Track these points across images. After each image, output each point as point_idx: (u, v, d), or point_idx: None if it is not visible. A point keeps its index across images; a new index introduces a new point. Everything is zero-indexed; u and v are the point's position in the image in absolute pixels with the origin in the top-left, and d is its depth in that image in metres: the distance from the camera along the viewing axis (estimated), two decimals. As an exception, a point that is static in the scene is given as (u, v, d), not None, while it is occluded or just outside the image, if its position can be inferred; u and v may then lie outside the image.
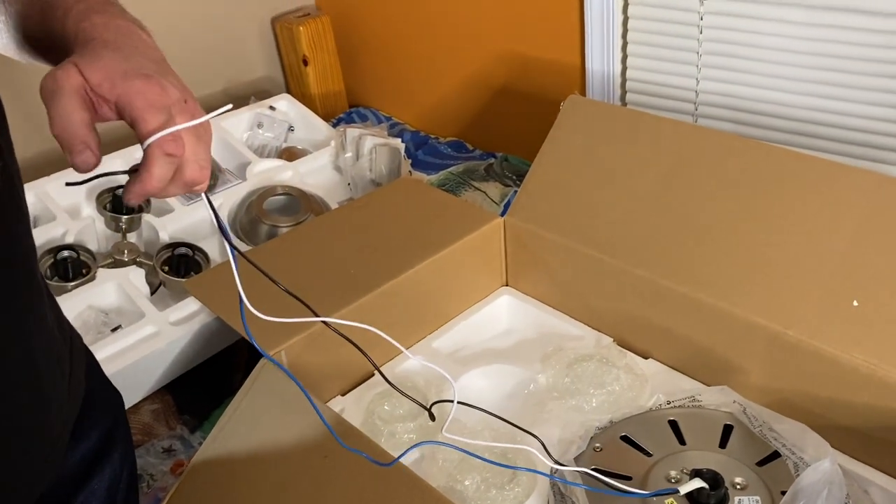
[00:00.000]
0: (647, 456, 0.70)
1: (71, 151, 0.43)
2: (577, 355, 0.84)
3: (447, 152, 1.47)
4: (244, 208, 1.13)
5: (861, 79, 0.98)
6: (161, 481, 0.86)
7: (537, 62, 1.33)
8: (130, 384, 0.90)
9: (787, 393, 0.74)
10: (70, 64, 0.44)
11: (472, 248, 0.95)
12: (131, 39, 0.47)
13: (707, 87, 1.12)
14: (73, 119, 0.43)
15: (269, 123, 1.32)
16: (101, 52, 0.45)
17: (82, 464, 0.54)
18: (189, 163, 0.46)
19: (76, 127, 0.43)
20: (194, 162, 0.46)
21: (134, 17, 0.51)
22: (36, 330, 0.47)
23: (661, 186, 0.87)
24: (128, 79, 0.44)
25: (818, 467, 0.57)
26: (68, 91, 0.43)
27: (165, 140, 0.44)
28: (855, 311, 0.70)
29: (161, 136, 0.44)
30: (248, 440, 0.69)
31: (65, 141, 0.43)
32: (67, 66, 0.44)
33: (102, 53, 0.45)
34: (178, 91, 0.45)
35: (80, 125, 0.43)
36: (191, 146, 0.45)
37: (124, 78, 0.44)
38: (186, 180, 0.46)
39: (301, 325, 0.79)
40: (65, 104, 0.43)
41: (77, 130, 0.43)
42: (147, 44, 0.48)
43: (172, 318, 0.93)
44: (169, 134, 0.44)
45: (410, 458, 0.75)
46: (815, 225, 0.76)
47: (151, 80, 0.44)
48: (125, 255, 1.04)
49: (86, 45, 0.46)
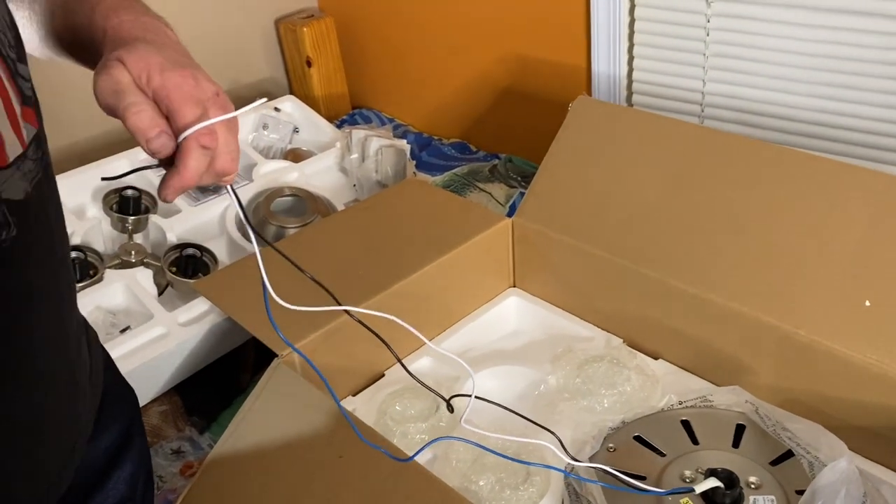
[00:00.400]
0: (661, 456, 0.70)
1: (147, 139, 0.45)
2: (588, 356, 0.84)
3: (451, 154, 1.47)
4: (251, 209, 1.13)
5: (867, 80, 0.98)
6: (170, 483, 0.86)
7: (542, 64, 1.33)
8: (139, 385, 0.89)
9: (797, 393, 0.74)
10: (115, 60, 0.45)
11: (480, 250, 0.95)
12: (159, 36, 0.49)
13: (713, 89, 1.12)
14: (146, 112, 0.45)
15: (273, 125, 1.32)
16: (137, 45, 0.46)
17: (105, 456, 0.55)
18: (222, 154, 0.47)
19: (148, 118, 0.45)
20: (227, 153, 0.48)
21: (157, 14, 0.51)
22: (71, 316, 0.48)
23: (669, 187, 0.87)
24: (165, 71, 0.46)
25: (835, 467, 0.57)
26: (129, 87, 0.45)
27: (200, 133, 0.46)
28: (866, 310, 0.70)
29: (197, 129, 0.45)
30: (261, 440, 0.69)
31: (140, 132, 0.45)
32: (115, 62, 0.45)
33: (138, 47, 0.46)
34: (210, 84, 0.46)
35: (152, 115, 0.45)
36: (223, 137, 0.47)
37: (161, 70, 0.46)
38: (218, 170, 0.48)
39: (312, 325, 0.79)
40: (131, 98, 0.45)
41: (150, 121, 0.45)
42: (173, 40, 0.50)
43: (181, 318, 0.93)
44: (204, 127, 0.46)
45: (424, 458, 0.75)
46: (825, 225, 0.76)
47: (186, 72, 0.46)
48: (132, 256, 1.04)
49: (119, 41, 0.47)
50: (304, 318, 0.80)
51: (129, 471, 0.56)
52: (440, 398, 0.68)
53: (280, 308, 0.65)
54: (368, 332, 0.77)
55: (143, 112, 0.45)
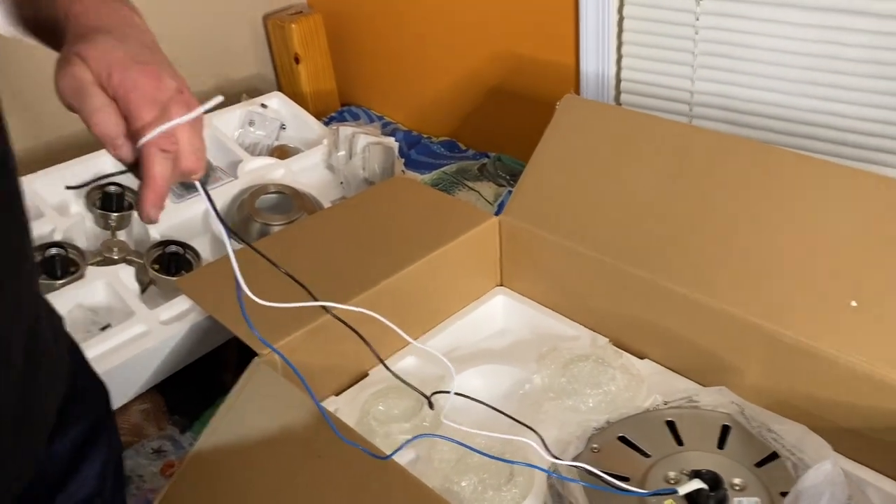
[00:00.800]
0: (646, 457, 0.69)
1: (114, 147, 0.45)
2: (573, 355, 0.83)
3: (440, 152, 1.46)
4: (236, 206, 1.12)
5: (855, 80, 0.98)
6: (151, 482, 0.85)
7: (531, 62, 1.32)
8: (120, 384, 0.89)
9: (784, 394, 0.74)
10: (75, 57, 0.44)
11: (467, 248, 0.94)
12: (123, 23, 0.47)
13: (702, 88, 1.11)
14: (110, 117, 0.44)
15: (260, 121, 1.31)
16: (98, 38, 0.45)
17: (73, 450, 0.54)
18: (186, 153, 0.46)
19: (113, 125, 0.44)
20: (191, 152, 0.47)
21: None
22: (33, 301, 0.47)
23: (656, 186, 0.87)
24: (125, 69, 0.44)
25: (820, 468, 0.56)
26: (91, 88, 0.44)
27: (160, 137, 0.45)
28: (853, 311, 0.70)
29: (154, 135, 0.44)
30: (241, 440, 0.68)
31: (107, 138, 0.45)
32: (75, 59, 0.44)
33: (98, 40, 0.45)
34: (173, 80, 0.45)
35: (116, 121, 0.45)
36: (186, 137, 0.46)
37: (122, 68, 0.44)
38: (183, 170, 0.47)
39: (294, 324, 0.78)
40: (95, 103, 0.44)
41: (115, 128, 0.44)
42: (139, 27, 0.48)
43: (163, 316, 0.92)
44: (163, 131, 0.45)
45: (406, 458, 0.74)
46: (812, 225, 0.76)
47: (148, 68, 0.45)
48: (115, 253, 1.03)
49: (80, 32, 0.46)
50: (286, 316, 0.79)
51: (98, 466, 0.55)
52: (421, 395, 0.67)
53: (261, 306, 0.64)
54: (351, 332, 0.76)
55: (108, 118, 0.44)
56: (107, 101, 0.44)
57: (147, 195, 0.46)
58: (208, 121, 1.26)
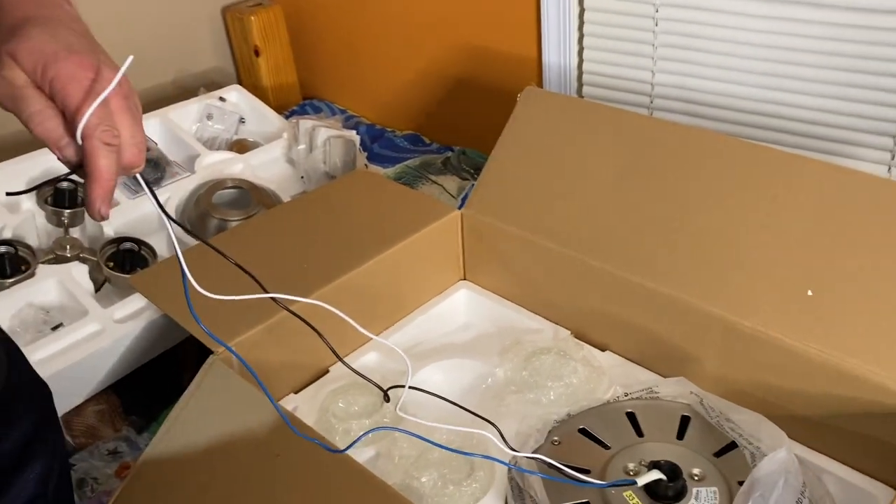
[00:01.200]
0: (606, 448, 0.69)
1: (58, 148, 0.44)
2: (535, 348, 0.83)
3: (404, 146, 1.45)
4: (192, 202, 1.09)
5: (811, 71, 0.99)
6: (106, 485, 0.83)
7: (494, 55, 1.32)
8: (73, 384, 0.87)
9: (742, 383, 0.74)
10: (6, 57, 0.43)
11: (430, 242, 0.93)
12: (55, 10, 0.46)
13: (662, 80, 1.12)
14: (50, 119, 0.43)
15: (218, 115, 1.28)
16: (29, 31, 0.44)
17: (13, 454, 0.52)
18: (127, 146, 0.45)
19: (54, 126, 0.44)
20: (132, 145, 0.46)
21: None
22: None
23: (617, 178, 0.87)
24: (59, 60, 0.43)
25: (774, 457, 0.57)
26: (27, 90, 0.43)
27: (101, 131, 0.43)
28: (809, 300, 0.71)
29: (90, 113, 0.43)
30: (196, 439, 0.66)
31: (50, 140, 0.44)
32: (6, 60, 0.43)
33: (31, 33, 0.44)
34: (110, 70, 0.44)
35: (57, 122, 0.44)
36: (128, 129, 0.45)
37: (56, 60, 0.43)
38: (125, 164, 0.46)
39: (251, 321, 0.77)
40: (33, 106, 0.43)
41: (56, 129, 0.44)
42: (71, 15, 0.47)
43: (117, 315, 0.90)
44: (104, 123, 0.43)
45: (366, 455, 0.73)
46: (770, 215, 0.76)
47: (84, 60, 0.44)
48: (67, 251, 1.00)
49: (10, 23, 0.44)
50: (243, 313, 0.77)
51: (40, 469, 0.54)
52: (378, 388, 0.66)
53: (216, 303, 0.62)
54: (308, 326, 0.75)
55: (49, 121, 0.43)
56: (45, 102, 0.43)
57: (95, 190, 0.45)
58: (164, 115, 1.24)
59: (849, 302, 0.69)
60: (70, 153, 0.44)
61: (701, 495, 0.62)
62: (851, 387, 0.67)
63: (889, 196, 0.72)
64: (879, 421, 0.66)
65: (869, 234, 0.71)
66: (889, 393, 0.65)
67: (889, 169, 0.98)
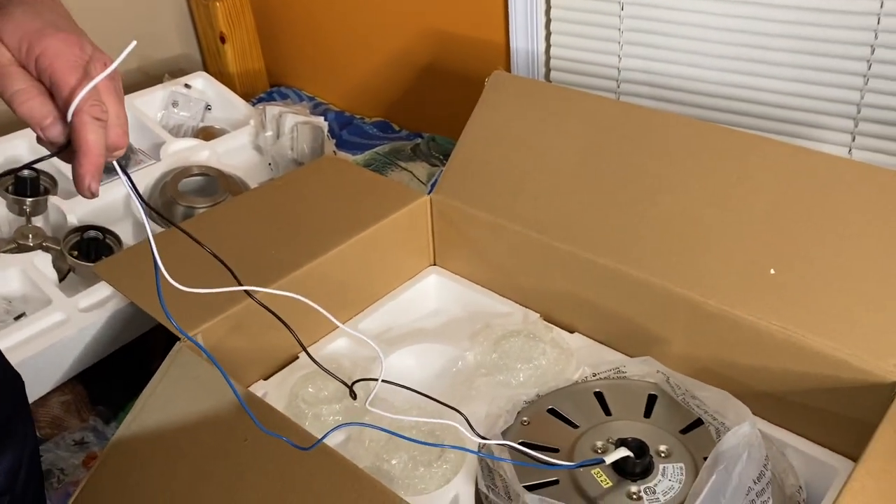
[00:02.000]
0: (574, 428, 0.70)
1: (42, 128, 0.43)
2: (504, 332, 0.84)
3: (373, 132, 1.45)
4: (158, 190, 1.08)
5: (775, 54, 1.00)
6: (72, 476, 0.82)
7: (462, 40, 1.32)
8: (37, 374, 0.86)
9: (707, 361, 0.75)
10: None
11: (399, 227, 0.93)
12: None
13: (629, 64, 1.13)
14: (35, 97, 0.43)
15: (184, 102, 1.27)
16: (12, 10, 0.43)
17: None
18: (112, 126, 0.45)
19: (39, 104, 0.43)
20: (117, 125, 0.45)
21: None
22: None
23: (584, 161, 0.87)
24: (44, 37, 0.43)
25: (737, 431, 0.58)
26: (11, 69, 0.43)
27: (90, 105, 0.43)
28: (772, 278, 0.72)
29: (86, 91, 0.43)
30: (163, 426, 0.66)
31: (34, 119, 0.43)
32: None
33: (14, 12, 0.43)
34: (96, 50, 0.44)
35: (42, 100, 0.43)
36: (113, 108, 0.44)
37: (41, 37, 0.43)
38: (110, 145, 0.45)
39: (220, 307, 0.76)
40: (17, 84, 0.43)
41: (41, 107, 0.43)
42: None
43: (82, 304, 0.89)
44: (93, 98, 0.43)
45: (336, 439, 0.73)
46: (733, 195, 0.77)
47: (68, 37, 0.43)
48: (30, 240, 0.98)
49: None
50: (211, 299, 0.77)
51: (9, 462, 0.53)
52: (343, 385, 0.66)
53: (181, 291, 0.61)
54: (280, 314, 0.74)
55: (33, 99, 0.42)
56: (30, 81, 0.43)
57: (84, 165, 0.44)
58: (129, 102, 1.22)
59: (810, 280, 0.70)
60: (54, 132, 0.43)
61: (667, 471, 0.63)
62: (812, 363, 0.68)
63: (848, 176, 0.74)
64: (839, 396, 0.68)
65: (829, 213, 0.73)
66: (849, 368, 0.66)
67: (849, 150, 0.99)
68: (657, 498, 0.61)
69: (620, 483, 0.63)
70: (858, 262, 0.69)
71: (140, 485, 0.64)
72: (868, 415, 0.64)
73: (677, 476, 0.63)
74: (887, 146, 0.96)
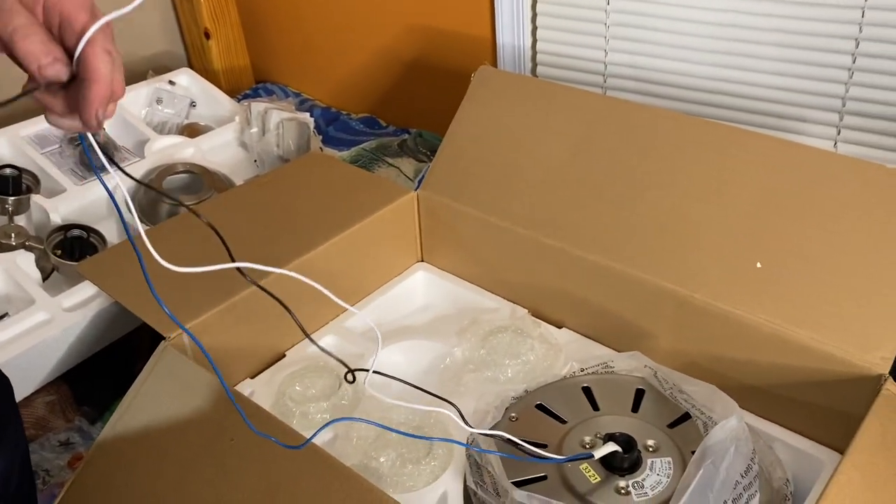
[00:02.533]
0: (562, 423, 0.70)
1: (41, 66, 0.42)
2: (493, 327, 0.83)
3: (359, 128, 1.44)
4: (141, 187, 1.07)
5: (762, 49, 1.00)
6: (58, 477, 0.81)
7: (448, 35, 1.31)
8: (21, 375, 0.85)
9: (694, 355, 0.76)
10: None
11: (386, 223, 0.93)
12: None
13: (615, 59, 1.12)
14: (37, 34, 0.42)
15: (168, 99, 1.26)
16: None
17: None
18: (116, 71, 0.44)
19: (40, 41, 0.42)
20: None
21: None
22: None
23: (571, 156, 0.87)
24: None
25: (725, 425, 0.58)
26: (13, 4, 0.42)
27: (104, 38, 0.43)
28: (758, 272, 0.72)
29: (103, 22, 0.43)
30: (149, 426, 0.65)
31: (33, 55, 0.42)
32: None
33: None
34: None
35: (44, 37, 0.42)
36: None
37: None
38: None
39: (206, 303, 0.75)
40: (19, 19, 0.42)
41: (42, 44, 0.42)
42: None
43: (66, 303, 0.88)
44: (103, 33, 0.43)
45: (324, 437, 0.73)
46: (720, 190, 0.77)
47: None
48: (12, 239, 0.97)
49: None
50: (197, 297, 0.76)
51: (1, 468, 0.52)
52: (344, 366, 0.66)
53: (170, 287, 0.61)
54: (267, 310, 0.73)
55: (34, 35, 0.42)
56: (31, 18, 0.42)
57: (94, 91, 0.42)
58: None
59: (796, 274, 0.71)
60: (54, 70, 0.42)
61: (655, 466, 0.63)
62: (799, 356, 0.68)
63: (834, 169, 0.74)
64: (825, 389, 0.68)
65: (815, 206, 0.73)
66: (834, 361, 0.66)
67: (835, 143, 1.00)
68: (645, 492, 0.61)
69: (609, 478, 0.63)
70: (844, 256, 0.70)
71: (126, 485, 0.63)
72: (854, 407, 0.64)
73: (665, 470, 0.63)
74: (872, 139, 0.97)
